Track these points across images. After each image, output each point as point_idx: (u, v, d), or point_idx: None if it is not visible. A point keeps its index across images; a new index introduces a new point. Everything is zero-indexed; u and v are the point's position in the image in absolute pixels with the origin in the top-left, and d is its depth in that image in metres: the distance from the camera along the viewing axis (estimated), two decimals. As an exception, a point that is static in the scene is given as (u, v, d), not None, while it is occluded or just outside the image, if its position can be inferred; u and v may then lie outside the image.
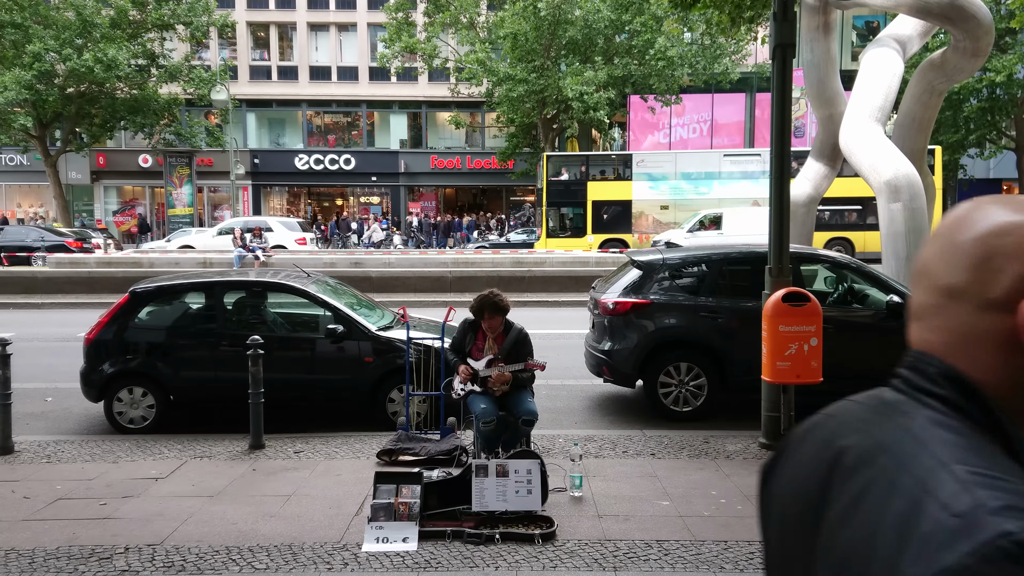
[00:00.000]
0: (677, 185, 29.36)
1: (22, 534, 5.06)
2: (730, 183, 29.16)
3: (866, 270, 8.42)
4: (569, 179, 30.01)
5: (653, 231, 28.94)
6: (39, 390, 9.46)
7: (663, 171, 29.51)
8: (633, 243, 28.93)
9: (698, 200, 29.10)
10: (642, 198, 29.32)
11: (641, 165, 29.62)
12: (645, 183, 29.33)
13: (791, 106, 7.05)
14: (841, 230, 28.35)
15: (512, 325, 6.29)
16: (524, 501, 5.14)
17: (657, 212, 29.11)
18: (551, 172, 29.90)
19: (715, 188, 29.19)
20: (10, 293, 18.98)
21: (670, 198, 29.28)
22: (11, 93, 28.40)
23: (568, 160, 31.38)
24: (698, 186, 29.28)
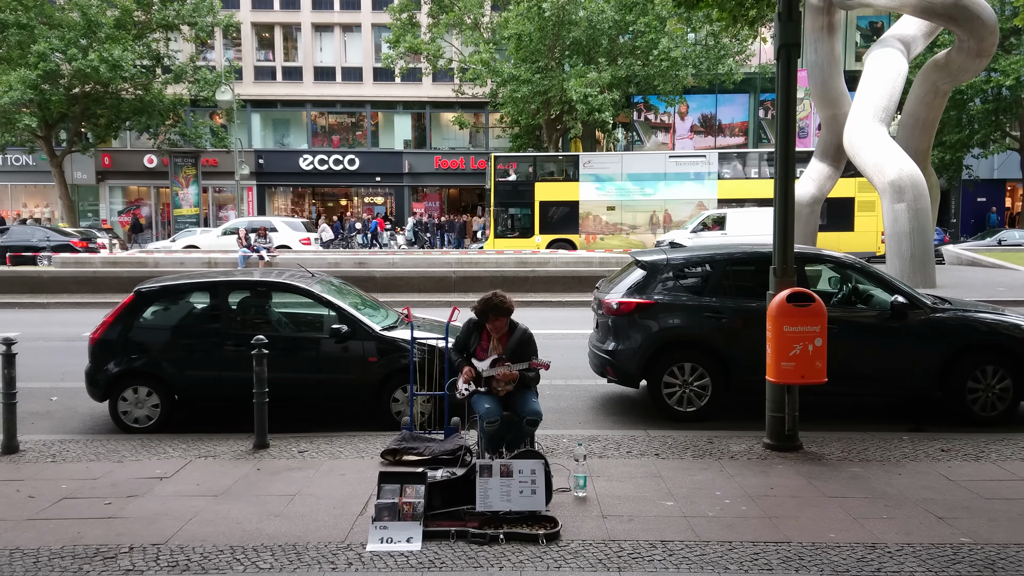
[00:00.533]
0: (624, 186, 29.51)
1: (27, 533, 5.07)
2: (676, 184, 29.36)
3: (870, 270, 8.40)
4: (517, 180, 30.05)
5: (599, 232, 29.01)
6: (44, 389, 9.48)
7: (610, 172, 29.69)
8: (580, 243, 29.07)
9: (644, 201, 29.38)
10: (589, 199, 29.47)
11: (588, 166, 29.77)
12: (592, 184, 29.49)
13: (796, 106, 7.04)
14: None
15: (516, 325, 6.29)
16: (528, 501, 5.14)
17: (604, 213, 29.29)
18: (499, 173, 29.92)
19: (661, 189, 29.39)
20: (16, 293, 19.04)
21: (617, 199, 29.45)
22: (16, 93, 28.49)
23: (516, 160, 31.46)
24: (644, 187, 29.46)
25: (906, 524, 5.17)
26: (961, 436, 7.22)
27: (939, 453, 6.71)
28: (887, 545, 4.83)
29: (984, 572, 4.49)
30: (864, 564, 4.58)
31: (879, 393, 8.32)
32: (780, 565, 4.57)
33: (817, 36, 20.80)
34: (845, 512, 5.37)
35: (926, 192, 18.35)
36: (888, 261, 18.73)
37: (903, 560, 4.63)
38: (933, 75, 20.12)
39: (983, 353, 7.81)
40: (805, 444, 6.87)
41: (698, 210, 29.20)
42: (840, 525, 5.14)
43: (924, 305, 7.93)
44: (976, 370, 7.75)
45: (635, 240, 29.14)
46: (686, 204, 29.13)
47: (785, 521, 5.21)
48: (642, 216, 29.26)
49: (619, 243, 28.96)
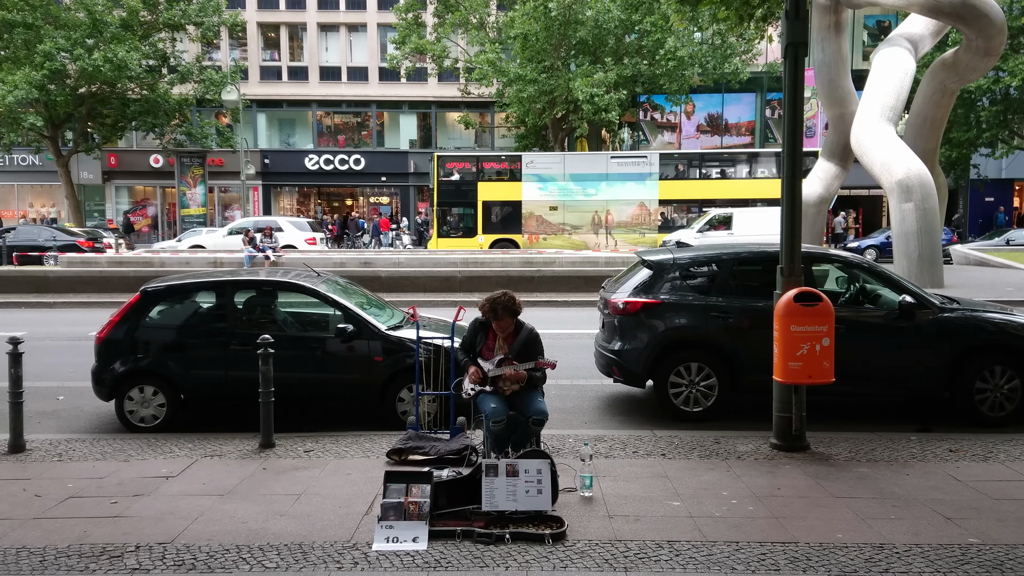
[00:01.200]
0: (566, 186, 29.54)
1: (33, 532, 5.07)
2: (617, 185, 29.40)
3: (878, 270, 8.37)
4: (461, 179, 30.04)
5: (542, 232, 29.04)
6: (51, 389, 9.50)
7: (552, 172, 29.70)
8: (523, 243, 29.04)
9: (586, 201, 29.42)
10: (532, 199, 29.50)
11: (531, 167, 29.78)
12: (535, 184, 29.52)
13: (803, 105, 7.01)
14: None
15: (523, 325, 6.28)
16: (534, 501, 5.13)
17: (546, 213, 29.32)
18: (442, 172, 29.88)
19: (603, 190, 29.41)
20: (22, 292, 19.10)
21: (559, 199, 29.49)
22: (21, 93, 28.56)
23: (459, 160, 31.48)
24: (586, 188, 29.50)
25: (914, 524, 5.14)
26: (969, 436, 7.19)
27: (947, 453, 6.67)
28: (895, 545, 4.81)
29: (992, 573, 4.47)
30: (872, 564, 4.55)
31: (886, 393, 8.29)
32: (787, 565, 4.55)
33: (824, 35, 20.75)
34: (853, 512, 5.34)
35: (934, 192, 18.28)
36: (895, 261, 18.68)
37: (911, 560, 4.61)
38: (941, 74, 20.05)
39: (991, 353, 7.77)
40: (812, 444, 6.84)
41: (639, 211, 29.35)
42: (848, 525, 5.12)
43: (932, 305, 7.90)
44: (984, 370, 7.71)
45: (577, 240, 29.15)
46: (628, 205, 29.30)
47: (792, 521, 5.19)
48: (584, 216, 29.30)
49: (562, 243, 28.99)
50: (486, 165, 30.61)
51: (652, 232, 29.17)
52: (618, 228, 29.14)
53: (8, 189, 42.78)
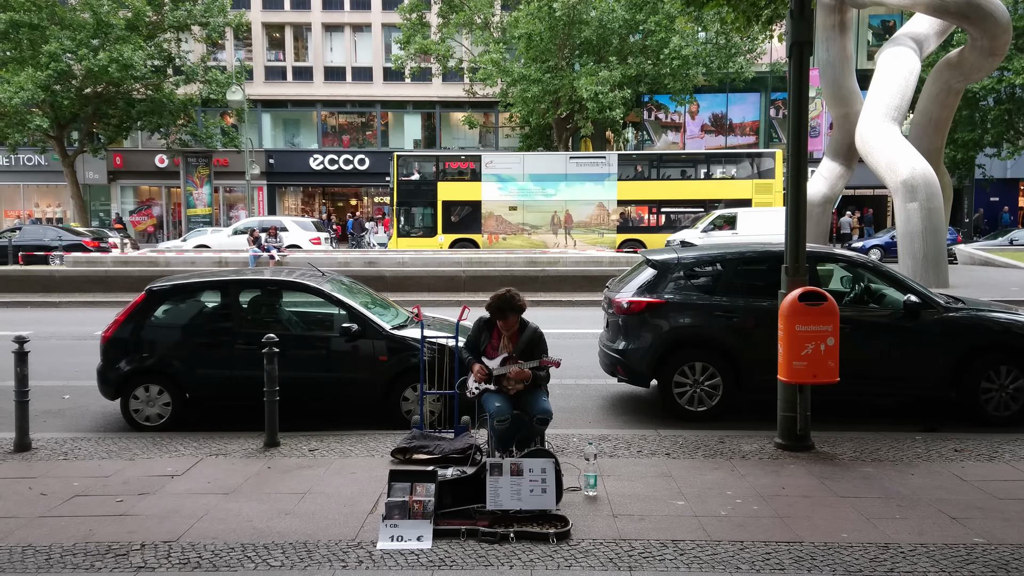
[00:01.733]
0: (525, 186, 29.47)
1: (39, 530, 5.09)
2: (576, 185, 29.36)
3: (883, 269, 8.36)
4: (420, 179, 29.98)
5: (502, 232, 29.09)
6: (56, 388, 9.52)
7: (512, 172, 29.62)
8: (483, 243, 29.03)
9: (546, 202, 29.36)
10: (491, 199, 29.40)
11: (490, 166, 29.68)
12: (494, 184, 29.44)
13: (808, 105, 7.00)
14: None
15: (527, 324, 6.28)
16: (538, 500, 5.13)
17: (506, 213, 29.25)
18: (402, 171, 29.84)
19: (562, 190, 29.37)
20: (28, 292, 19.15)
21: (518, 199, 29.42)
22: (27, 93, 28.63)
23: (419, 159, 31.42)
24: (545, 188, 29.43)
25: (919, 524, 5.14)
26: (975, 436, 7.18)
27: (952, 453, 6.66)
28: (900, 545, 4.80)
29: (998, 572, 4.46)
30: (877, 564, 4.55)
31: (892, 393, 8.27)
32: (792, 565, 4.55)
33: (829, 34, 20.73)
34: (858, 512, 5.33)
35: (939, 191, 18.26)
36: (900, 261, 18.65)
37: (916, 560, 4.60)
38: (946, 74, 20.02)
39: (997, 353, 7.75)
40: (817, 444, 6.84)
41: (598, 211, 29.35)
42: (852, 525, 5.11)
43: (937, 304, 7.88)
44: (990, 370, 7.69)
45: (537, 240, 29.15)
46: (586, 205, 29.27)
47: (797, 521, 5.19)
48: (544, 216, 29.25)
49: (521, 243, 28.98)
50: (446, 165, 30.57)
51: (611, 232, 29.17)
52: (577, 228, 29.16)
53: (14, 189, 42.90)
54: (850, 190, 33.44)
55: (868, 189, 37.80)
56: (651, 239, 28.60)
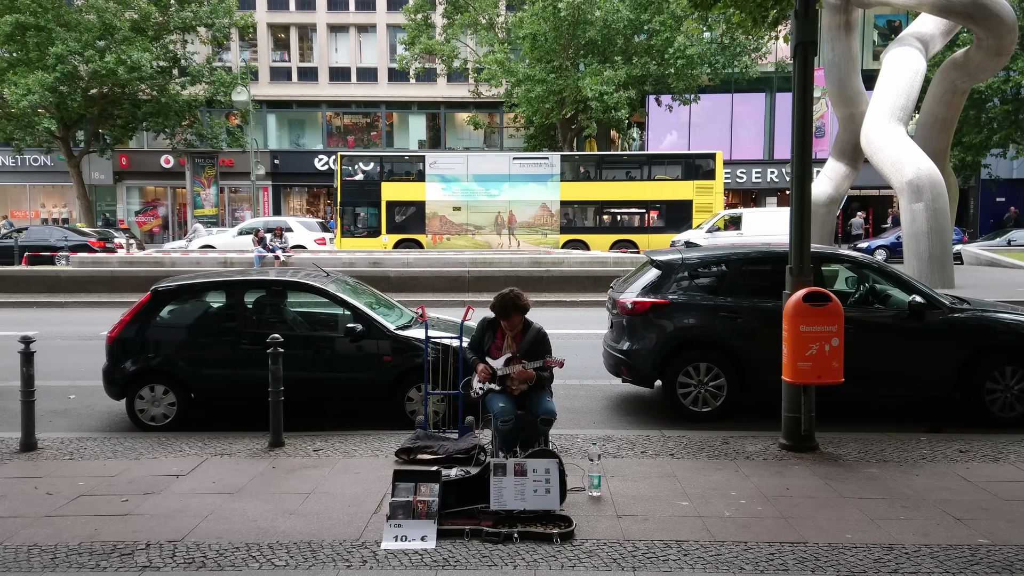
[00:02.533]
0: (469, 187, 29.39)
1: (45, 530, 5.11)
2: (520, 185, 29.32)
3: (888, 270, 8.34)
4: (364, 179, 29.88)
5: (446, 232, 29.05)
6: (62, 388, 9.56)
7: (455, 173, 29.56)
8: (427, 243, 28.96)
9: (489, 202, 29.30)
10: (435, 199, 29.30)
11: (434, 167, 29.59)
12: (438, 184, 29.36)
13: (813, 105, 6.99)
14: (626, 233, 29.07)
15: (531, 324, 6.29)
16: (542, 500, 5.14)
17: (450, 213, 29.15)
18: (346, 171, 29.78)
19: (506, 190, 29.34)
20: (34, 292, 19.22)
21: (462, 199, 29.35)
22: (35, 96, 28.73)
23: (363, 159, 31.26)
24: (489, 188, 29.38)
25: (923, 525, 5.13)
26: (980, 437, 7.16)
27: (957, 454, 6.65)
28: (904, 546, 4.80)
29: (1002, 573, 4.45)
30: (881, 565, 4.54)
31: (896, 394, 8.26)
32: (796, 565, 4.54)
33: (834, 34, 20.69)
34: (862, 513, 5.33)
35: (944, 192, 18.21)
36: (906, 261, 18.61)
37: (920, 561, 4.60)
38: (951, 74, 19.97)
39: (1002, 354, 7.74)
40: (822, 445, 6.83)
41: (541, 211, 29.32)
42: (857, 526, 5.11)
43: (942, 305, 7.87)
44: (995, 371, 7.68)
45: (481, 241, 29.10)
46: (530, 205, 29.25)
47: (801, 521, 5.18)
48: (487, 217, 29.18)
49: (465, 243, 28.91)
50: (390, 165, 30.52)
51: (554, 233, 29.12)
52: (521, 228, 29.12)
53: (20, 189, 43.04)
54: (855, 190, 33.39)
55: (874, 189, 37.73)
56: (594, 240, 28.67)
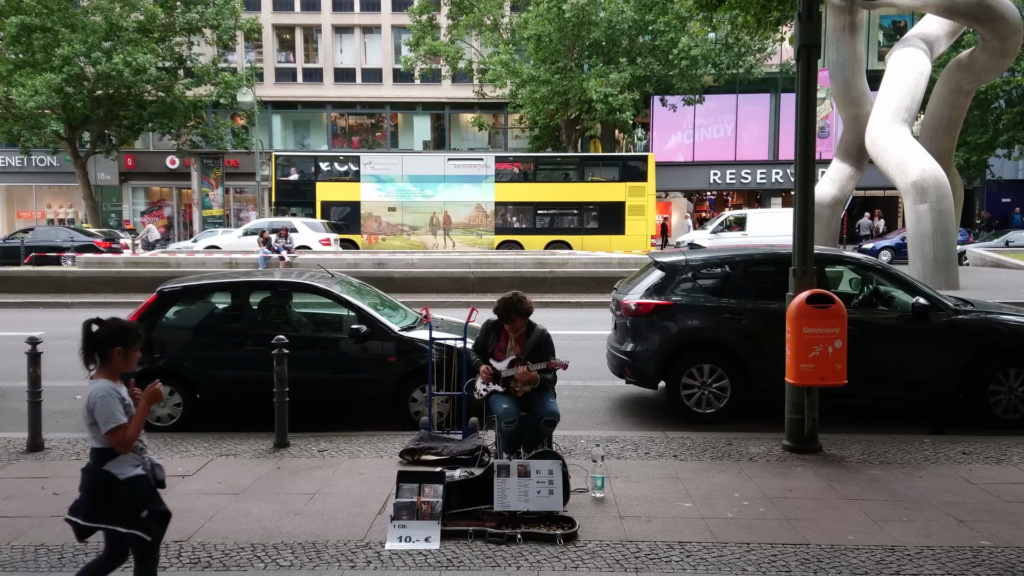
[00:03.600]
0: (404, 187, 29.47)
1: (51, 530, 5.14)
2: (455, 186, 29.42)
3: (891, 272, 8.35)
4: (299, 179, 29.86)
5: (381, 232, 29.08)
6: (68, 388, 9.58)
7: (390, 173, 29.61)
8: (363, 244, 29.01)
9: (424, 203, 29.40)
10: (370, 199, 29.36)
11: (369, 167, 29.62)
12: (373, 185, 29.42)
13: (816, 108, 7.01)
14: (560, 234, 29.10)
15: (534, 326, 6.31)
16: (545, 501, 5.16)
17: (385, 213, 29.18)
18: (281, 172, 29.73)
19: (441, 191, 29.42)
20: (41, 292, 19.29)
21: (397, 200, 29.42)
22: (42, 97, 28.84)
23: (298, 160, 31.27)
24: (424, 189, 29.47)
25: (926, 527, 5.14)
26: (983, 439, 7.17)
27: (960, 456, 6.66)
28: (906, 548, 4.81)
29: (1004, 575, 4.47)
30: (883, 567, 4.56)
31: (900, 395, 8.26)
32: (798, 567, 4.56)
33: (839, 35, 20.68)
34: (864, 515, 5.34)
35: (949, 193, 18.19)
36: (911, 263, 18.59)
37: (922, 563, 4.61)
38: (956, 75, 19.95)
39: (1006, 355, 7.74)
40: (825, 446, 6.84)
41: (476, 212, 29.36)
42: (859, 527, 5.12)
43: (946, 307, 7.87)
44: (998, 372, 7.68)
45: (416, 241, 29.16)
46: (465, 206, 29.36)
47: (804, 523, 5.20)
48: (423, 217, 29.23)
49: (400, 244, 28.96)
50: (325, 165, 30.48)
51: (489, 234, 29.19)
52: (456, 229, 29.22)
53: (26, 190, 43.19)
54: (860, 191, 33.35)
55: (879, 190, 37.68)
56: (529, 240, 28.72)
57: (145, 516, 3.80)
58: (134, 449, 3.81)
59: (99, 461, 3.73)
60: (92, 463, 3.76)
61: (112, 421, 3.64)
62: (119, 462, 3.75)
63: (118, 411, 3.68)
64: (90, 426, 3.72)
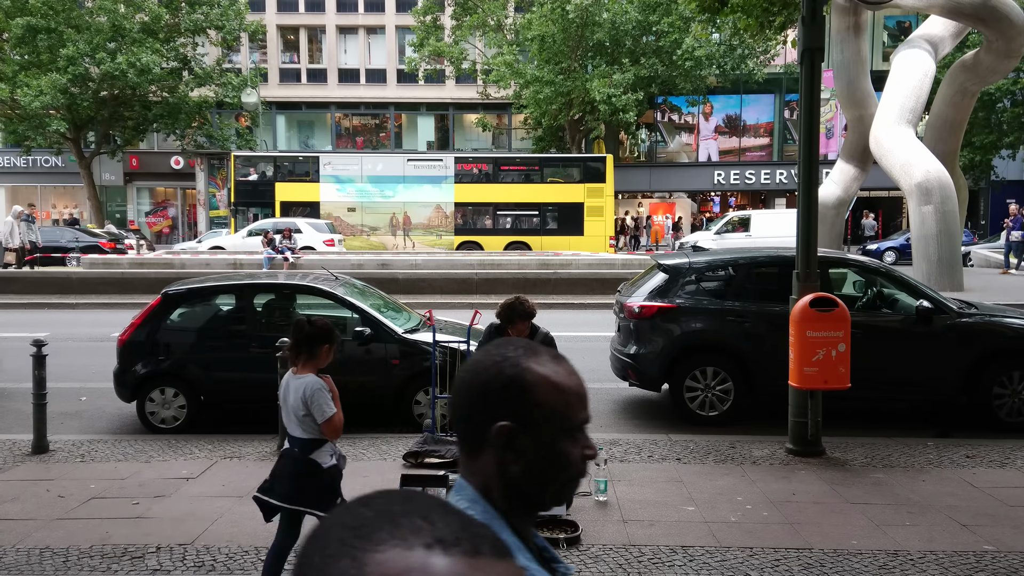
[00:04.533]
0: (364, 188, 29.38)
1: (56, 532, 5.17)
2: (414, 187, 29.36)
3: (895, 274, 8.34)
4: (258, 179, 29.72)
5: (340, 233, 28.89)
6: (73, 389, 9.63)
7: (350, 174, 29.52)
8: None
9: (384, 203, 29.30)
10: (330, 200, 29.23)
11: (328, 167, 29.50)
12: (332, 185, 29.30)
13: (820, 111, 7.01)
14: (519, 235, 29.08)
15: (537, 329, 6.30)
16: (549, 505, 5.15)
17: (344, 214, 29.03)
18: (239, 172, 29.61)
19: (400, 192, 29.36)
20: (46, 293, 19.32)
21: (357, 200, 29.32)
22: (47, 98, 28.92)
23: (257, 160, 31.08)
24: (383, 189, 29.39)
25: (929, 531, 5.14)
26: (987, 442, 7.16)
27: (964, 459, 6.65)
28: (909, 552, 4.81)
29: (1008, 581, 4.47)
30: (886, 571, 4.56)
31: (903, 398, 8.26)
32: (801, 571, 4.56)
33: (843, 36, 20.64)
34: (868, 519, 5.34)
35: (954, 194, 18.15)
36: (915, 264, 18.55)
37: (925, 567, 4.61)
38: (961, 76, 19.91)
39: (1009, 358, 7.74)
40: (828, 449, 6.84)
41: (436, 213, 29.25)
42: (862, 532, 5.13)
43: (950, 310, 7.87)
44: (1002, 375, 7.68)
45: (375, 242, 29.03)
46: (424, 207, 29.29)
47: (807, 527, 5.20)
48: (382, 218, 29.10)
49: (360, 244, 28.84)
50: (284, 165, 30.34)
51: (449, 234, 29.12)
52: (416, 230, 29.15)
53: (31, 190, 43.26)
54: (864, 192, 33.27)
55: (883, 191, 37.60)
56: (488, 241, 28.64)
57: (339, 502, 4.09)
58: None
59: (306, 450, 4.12)
60: (298, 451, 4.13)
61: (328, 411, 4.04)
62: (322, 452, 4.15)
63: (329, 402, 4.07)
64: (303, 417, 4.07)
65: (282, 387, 4.22)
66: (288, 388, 4.12)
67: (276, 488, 4.14)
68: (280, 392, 4.26)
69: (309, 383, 4.06)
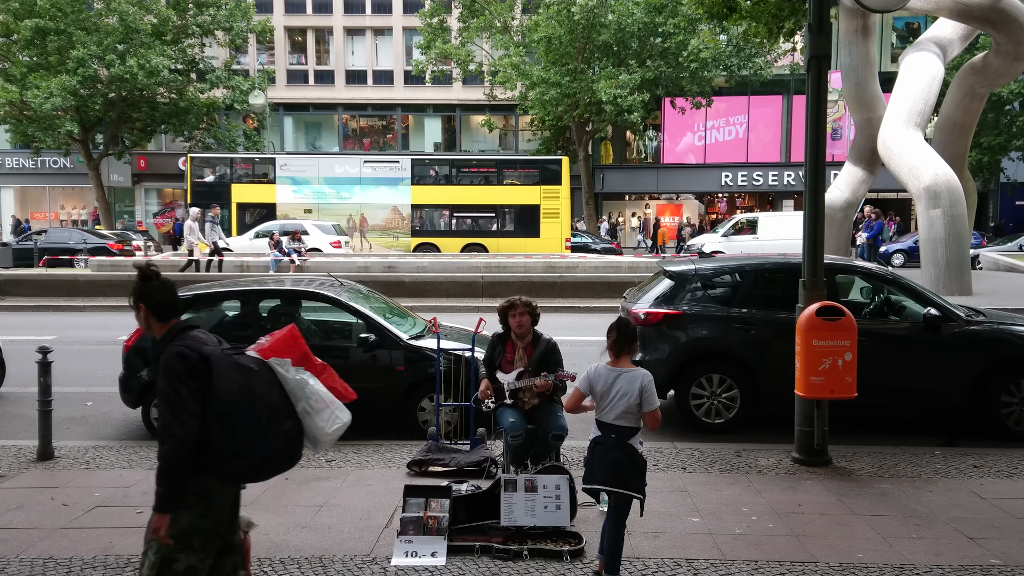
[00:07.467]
0: (320, 189, 29.37)
1: (60, 542, 5.16)
2: (371, 188, 29.33)
3: (902, 282, 8.30)
4: (214, 180, 29.69)
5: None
6: (80, 394, 9.65)
7: (306, 175, 29.55)
8: None
9: (340, 204, 29.30)
10: (286, 201, 29.22)
11: (285, 168, 29.51)
12: (289, 186, 29.31)
13: (826, 117, 6.97)
14: (476, 236, 29.05)
15: (540, 335, 6.30)
16: (552, 516, 5.15)
17: (301, 215, 28.88)
18: (196, 173, 29.59)
19: (357, 193, 29.35)
20: (53, 296, 19.38)
21: (313, 202, 29.30)
22: (57, 99, 29.03)
23: (213, 161, 31.01)
24: (340, 191, 29.38)
25: (935, 544, 5.10)
26: (994, 452, 7.11)
27: (971, 469, 6.61)
28: (916, 566, 4.77)
29: (1015, 596, 4.43)
30: (892, 586, 4.53)
31: (910, 407, 8.21)
32: (806, 586, 4.53)
33: (852, 39, 20.56)
34: (874, 531, 5.30)
35: (962, 197, 18.06)
36: (923, 268, 18.47)
37: (932, 583, 4.58)
38: (970, 79, 19.82)
39: (1018, 367, 7.68)
40: (835, 459, 6.80)
41: (393, 214, 29.25)
42: (868, 544, 5.09)
43: (957, 317, 7.82)
44: (1011, 384, 7.62)
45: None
46: (381, 208, 29.27)
47: (812, 540, 5.17)
48: (339, 219, 28.93)
49: None
50: (240, 166, 30.29)
51: (406, 236, 29.12)
52: (372, 231, 29.13)
53: (39, 191, 43.47)
54: (873, 194, 33.15)
55: (891, 193, 37.46)
56: (445, 243, 28.65)
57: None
58: None
59: (628, 438, 4.44)
60: (626, 441, 4.44)
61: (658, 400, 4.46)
62: (636, 439, 4.47)
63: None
64: (636, 406, 4.42)
65: None
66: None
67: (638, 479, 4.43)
68: None
69: (645, 374, 4.59)
